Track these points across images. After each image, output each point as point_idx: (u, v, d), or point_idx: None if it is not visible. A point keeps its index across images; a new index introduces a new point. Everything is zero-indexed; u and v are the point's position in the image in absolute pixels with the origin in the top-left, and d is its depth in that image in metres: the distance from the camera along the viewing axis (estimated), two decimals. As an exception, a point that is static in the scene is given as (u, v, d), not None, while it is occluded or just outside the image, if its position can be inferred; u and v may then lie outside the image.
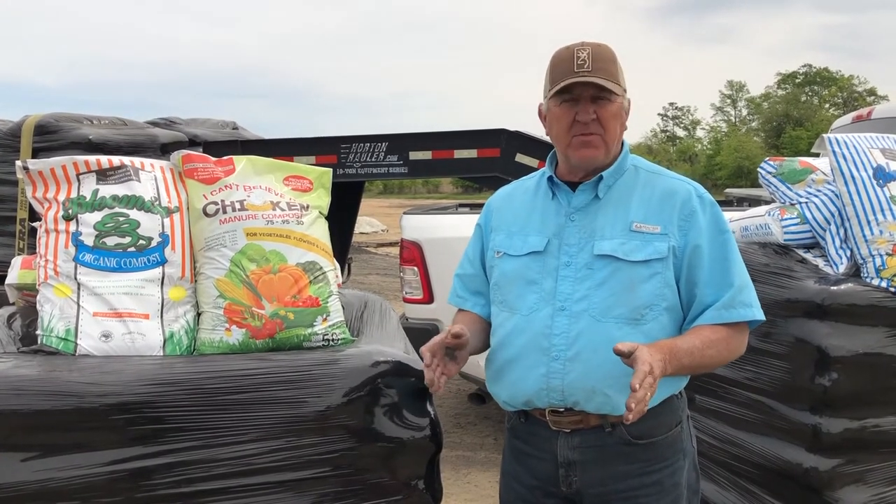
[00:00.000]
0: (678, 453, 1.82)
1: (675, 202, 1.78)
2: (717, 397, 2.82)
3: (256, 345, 2.01)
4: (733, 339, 1.76)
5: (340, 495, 1.89)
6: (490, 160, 5.63)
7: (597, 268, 1.76)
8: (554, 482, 1.82)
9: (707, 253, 1.75)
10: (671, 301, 1.76)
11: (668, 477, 1.80)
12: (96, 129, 5.10)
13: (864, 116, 5.52)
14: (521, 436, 1.89)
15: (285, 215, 2.12)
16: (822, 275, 2.60)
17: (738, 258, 1.79)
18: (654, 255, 1.74)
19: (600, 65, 1.73)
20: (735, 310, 1.74)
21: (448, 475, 4.03)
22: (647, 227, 1.76)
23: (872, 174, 2.62)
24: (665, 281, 1.75)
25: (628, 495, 1.78)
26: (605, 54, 1.75)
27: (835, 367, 2.40)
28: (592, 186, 1.81)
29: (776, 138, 52.55)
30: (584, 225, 1.80)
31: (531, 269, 1.82)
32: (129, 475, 1.75)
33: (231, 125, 6.99)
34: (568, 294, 1.77)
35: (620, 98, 1.77)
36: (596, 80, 1.72)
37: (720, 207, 1.83)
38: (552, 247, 1.81)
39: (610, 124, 1.76)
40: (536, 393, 1.78)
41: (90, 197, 2.05)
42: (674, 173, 1.88)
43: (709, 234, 1.77)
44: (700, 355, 1.70)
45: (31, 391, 1.71)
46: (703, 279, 1.75)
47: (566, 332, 1.75)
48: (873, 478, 2.49)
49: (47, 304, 1.96)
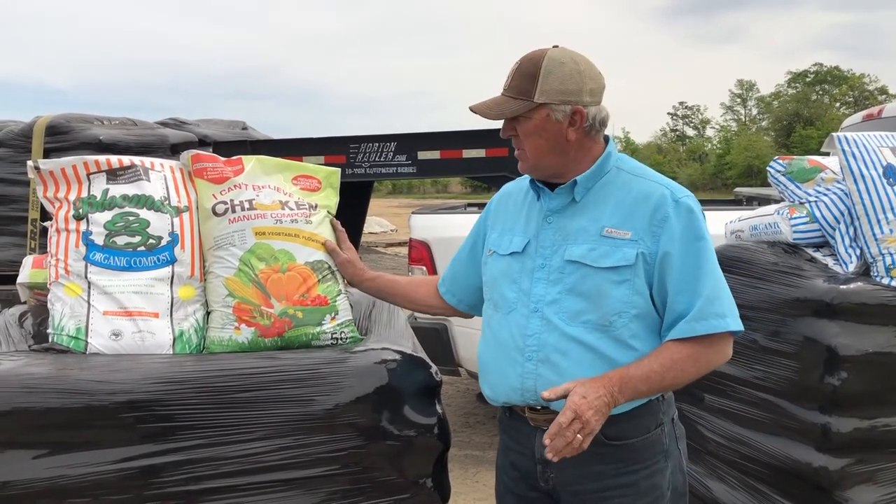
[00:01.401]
0: (657, 455, 1.80)
1: (648, 207, 1.73)
2: (726, 396, 2.82)
3: (265, 343, 2.02)
4: (705, 353, 1.71)
5: (349, 493, 1.90)
6: (498, 160, 5.63)
7: (567, 272, 1.76)
8: (534, 477, 1.85)
9: (678, 260, 1.70)
10: (643, 308, 1.73)
11: (644, 479, 1.78)
12: (107, 129, 5.13)
13: (874, 115, 5.49)
14: (507, 431, 1.93)
15: (294, 214, 2.13)
16: (831, 274, 2.59)
17: (712, 267, 1.73)
18: (621, 261, 1.71)
19: (516, 82, 1.75)
20: (706, 321, 1.68)
21: (457, 474, 4.03)
22: (618, 232, 1.73)
23: (882, 173, 2.61)
24: (634, 288, 1.71)
25: (603, 495, 1.78)
26: (527, 70, 1.74)
27: (844, 366, 2.39)
28: (568, 189, 1.79)
29: (786, 137, 52.33)
30: (559, 227, 1.80)
31: (513, 268, 1.84)
32: (139, 473, 1.76)
33: (240, 125, 7.02)
34: (541, 296, 1.78)
35: (538, 113, 1.74)
36: (486, 106, 1.76)
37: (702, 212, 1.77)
38: (531, 248, 1.83)
39: (528, 141, 1.77)
40: (513, 391, 1.81)
41: (100, 196, 2.07)
42: (657, 175, 1.82)
43: (682, 241, 1.71)
44: (659, 379, 1.67)
45: (42, 389, 1.72)
46: (674, 287, 1.71)
47: (538, 334, 1.76)
48: (883, 477, 2.48)
49: (58, 303, 1.98)
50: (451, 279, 2.12)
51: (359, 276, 2.17)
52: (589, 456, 1.72)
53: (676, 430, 1.87)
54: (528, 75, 1.74)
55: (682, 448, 1.88)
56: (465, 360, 4.60)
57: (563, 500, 1.83)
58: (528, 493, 1.88)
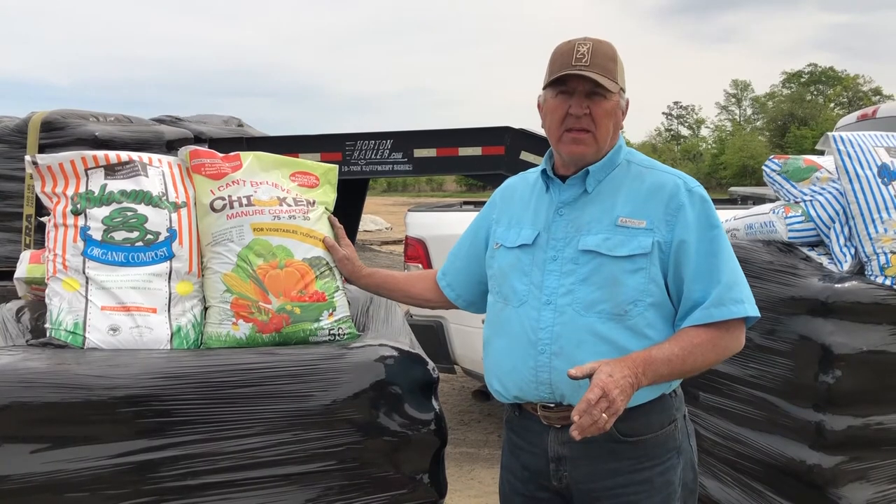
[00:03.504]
0: (671, 451, 1.81)
1: (662, 196, 1.75)
2: (721, 394, 2.83)
3: (263, 339, 2.02)
4: (723, 339, 1.72)
5: (345, 489, 1.90)
6: (494, 158, 5.64)
7: (581, 263, 1.76)
8: (546, 477, 1.83)
9: (694, 248, 1.72)
10: (657, 297, 1.74)
11: (658, 475, 1.78)
12: (102, 125, 5.13)
13: (869, 115, 5.52)
14: (516, 430, 1.90)
15: (292, 211, 2.13)
16: (826, 272, 2.60)
17: (728, 254, 1.75)
18: (637, 250, 1.72)
19: (599, 61, 1.73)
20: (725, 307, 1.70)
21: (452, 471, 4.04)
22: (632, 221, 1.74)
23: (877, 172, 2.62)
24: (650, 276, 1.72)
25: (617, 492, 1.77)
26: (606, 51, 1.75)
27: (838, 364, 2.41)
28: (580, 181, 1.81)
29: (781, 137, 52.38)
30: (571, 219, 1.80)
31: (522, 261, 1.84)
32: (136, 467, 1.77)
33: (236, 122, 7.01)
34: (553, 288, 1.77)
35: (616, 96, 1.76)
36: (591, 74, 1.72)
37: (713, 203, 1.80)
38: (541, 240, 1.82)
39: (602, 121, 1.76)
40: (527, 386, 1.79)
41: (98, 192, 2.07)
42: (667, 167, 1.85)
43: (697, 229, 1.73)
44: (681, 363, 1.68)
45: (40, 384, 1.73)
46: (690, 275, 1.72)
47: (551, 327, 1.76)
48: (876, 475, 2.49)
49: (56, 298, 1.98)
50: (452, 273, 2.10)
51: (356, 272, 2.18)
52: (603, 453, 1.73)
53: (688, 427, 1.88)
54: (609, 57, 1.75)
55: (692, 445, 1.89)
56: (460, 357, 4.61)
57: (576, 499, 1.81)
58: (538, 493, 1.86)
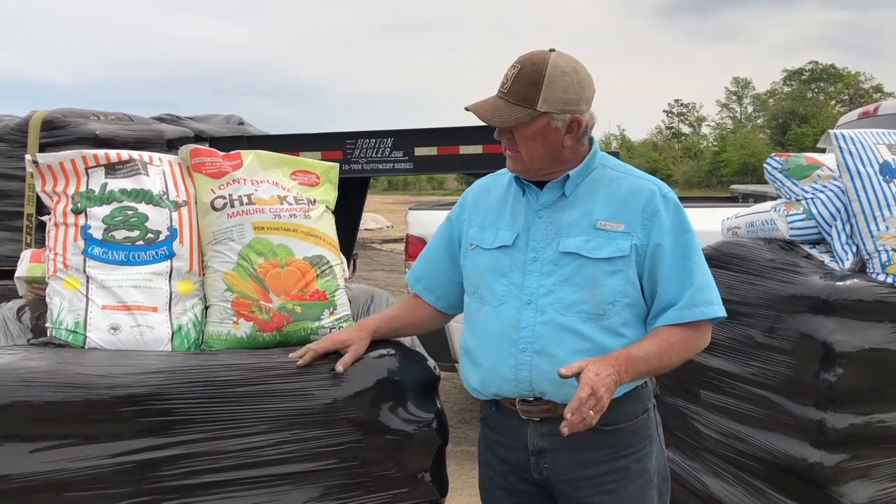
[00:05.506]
0: (645, 440, 1.88)
1: (638, 201, 1.81)
2: (722, 392, 2.82)
3: (264, 338, 2.02)
4: (693, 337, 1.81)
5: (347, 487, 1.90)
6: (495, 156, 5.61)
7: (562, 264, 1.80)
8: (526, 469, 1.87)
9: (669, 252, 1.79)
10: (633, 297, 1.80)
11: (634, 463, 1.85)
12: (103, 124, 5.12)
13: (870, 113, 5.51)
14: (493, 425, 1.94)
15: (292, 209, 2.13)
16: (827, 270, 2.60)
17: (699, 257, 1.83)
18: (616, 252, 1.78)
19: (516, 87, 1.76)
20: (697, 308, 1.78)
21: (453, 470, 4.03)
22: (611, 225, 1.80)
23: (878, 170, 2.62)
24: (627, 278, 1.79)
25: (597, 481, 1.83)
26: (530, 76, 1.75)
27: (840, 362, 2.40)
28: (559, 184, 1.85)
29: (782, 135, 52.32)
30: (551, 221, 1.84)
31: (501, 262, 1.87)
32: (137, 467, 1.76)
33: (237, 120, 7.00)
34: (534, 288, 1.81)
35: (541, 120, 1.76)
36: (491, 115, 1.77)
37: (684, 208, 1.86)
38: (521, 242, 1.86)
39: (524, 144, 1.80)
40: (506, 384, 1.83)
41: (99, 191, 2.07)
42: (641, 172, 1.91)
43: (671, 233, 1.80)
44: (658, 360, 1.76)
45: (41, 383, 1.72)
46: (665, 277, 1.79)
47: (532, 325, 1.80)
48: (878, 473, 2.49)
49: (56, 297, 1.98)
50: (428, 276, 2.07)
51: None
52: (582, 443, 1.78)
53: (657, 417, 1.96)
54: (531, 82, 1.75)
55: (660, 434, 1.96)
56: (461, 356, 4.60)
57: (557, 489, 1.86)
58: (519, 485, 1.90)
